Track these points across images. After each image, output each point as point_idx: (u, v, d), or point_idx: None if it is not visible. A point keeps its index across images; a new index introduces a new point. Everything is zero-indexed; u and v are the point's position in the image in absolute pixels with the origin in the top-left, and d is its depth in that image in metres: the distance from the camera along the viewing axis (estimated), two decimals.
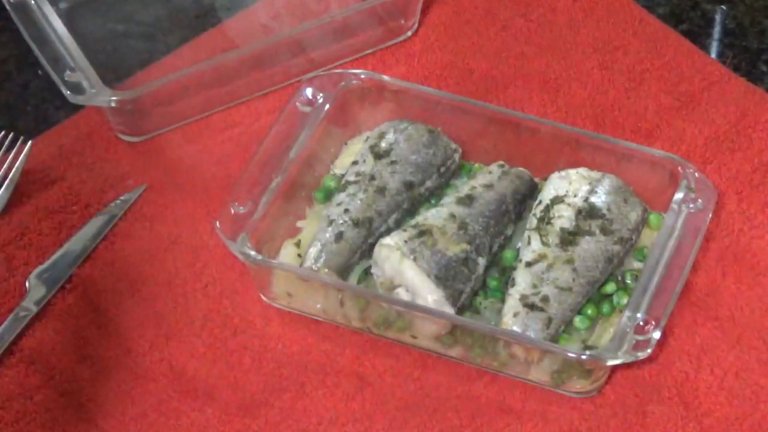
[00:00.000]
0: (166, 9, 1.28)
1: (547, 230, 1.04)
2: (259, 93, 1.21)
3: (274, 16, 1.27)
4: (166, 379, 1.02)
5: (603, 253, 1.03)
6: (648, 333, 0.95)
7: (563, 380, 0.99)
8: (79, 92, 1.12)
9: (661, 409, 0.99)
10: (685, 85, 1.20)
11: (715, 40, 1.26)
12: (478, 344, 1.00)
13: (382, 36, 1.24)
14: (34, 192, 1.14)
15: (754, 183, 1.12)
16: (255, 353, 1.03)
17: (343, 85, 1.13)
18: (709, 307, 1.04)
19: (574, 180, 1.06)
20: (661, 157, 1.07)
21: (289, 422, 0.99)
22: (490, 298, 1.03)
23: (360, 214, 1.05)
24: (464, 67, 1.23)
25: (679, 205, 1.04)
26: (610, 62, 1.22)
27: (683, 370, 1.01)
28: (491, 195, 1.06)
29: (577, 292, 1.01)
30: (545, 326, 0.99)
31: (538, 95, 1.20)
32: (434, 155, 1.10)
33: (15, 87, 1.25)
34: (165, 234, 1.11)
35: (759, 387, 1.00)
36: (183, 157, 1.17)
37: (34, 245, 1.10)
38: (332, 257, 1.03)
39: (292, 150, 1.09)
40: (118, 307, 1.06)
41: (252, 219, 1.04)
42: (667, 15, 1.28)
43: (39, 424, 0.99)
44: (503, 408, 0.99)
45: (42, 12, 1.18)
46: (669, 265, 1.00)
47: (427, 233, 1.02)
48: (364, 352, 1.03)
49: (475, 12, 1.28)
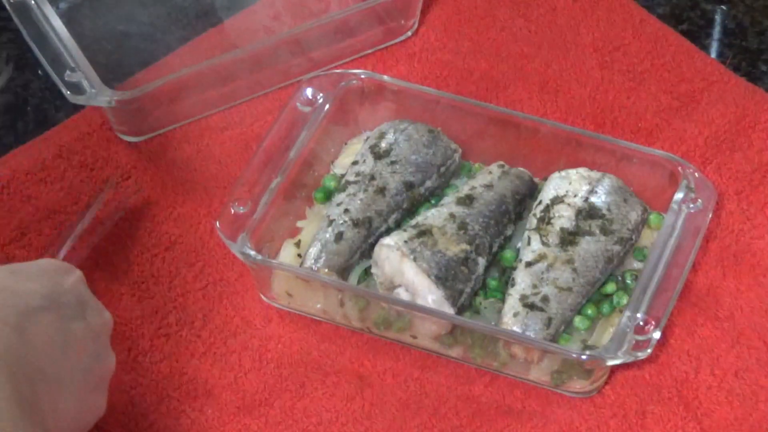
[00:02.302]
0: (166, 9, 1.28)
1: (547, 230, 1.04)
2: (259, 93, 1.21)
3: (274, 16, 1.27)
4: (166, 379, 1.02)
5: (603, 253, 1.03)
6: (648, 333, 0.95)
7: (563, 380, 0.99)
8: (79, 92, 1.12)
9: (661, 409, 0.99)
10: (685, 85, 1.20)
11: (715, 40, 1.26)
12: (478, 344, 1.00)
13: (382, 36, 1.24)
14: (34, 192, 1.14)
15: (754, 183, 1.12)
16: (255, 353, 1.03)
17: (343, 85, 1.13)
18: (709, 307, 1.04)
19: (574, 180, 1.06)
20: (661, 157, 1.07)
21: (289, 422, 0.99)
22: (490, 298, 1.03)
23: (360, 214, 1.05)
24: (464, 67, 1.23)
25: (679, 205, 1.04)
26: (610, 62, 1.22)
27: (683, 370, 1.01)
28: (491, 195, 1.06)
29: (577, 292, 1.01)
30: (545, 326, 0.99)
31: (538, 95, 1.20)
32: (434, 155, 1.10)
33: (15, 87, 1.25)
34: (165, 234, 1.11)
35: (759, 387, 1.00)
36: (183, 157, 1.17)
37: (34, 245, 1.10)
38: (332, 257, 1.03)
39: (292, 150, 1.09)
40: (118, 307, 1.06)
41: (252, 219, 1.04)
42: (667, 15, 1.28)
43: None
44: (503, 408, 0.99)
45: (42, 12, 1.18)
46: (669, 265, 1.00)
47: (427, 233, 1.02)
48: (364, 352, 1.03)
49: (475, 12, 1.28)
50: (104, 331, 0.91)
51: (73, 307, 0.88)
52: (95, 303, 0.92)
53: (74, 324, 0.87)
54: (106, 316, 0.92)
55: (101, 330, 0.90)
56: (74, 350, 0.86)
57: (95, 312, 0.91)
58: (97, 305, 0.92)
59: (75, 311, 0.88)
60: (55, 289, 0.88)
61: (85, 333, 0.88)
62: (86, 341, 0.88)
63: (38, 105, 1.23)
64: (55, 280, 0.89)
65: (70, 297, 0.89)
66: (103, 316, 0.92)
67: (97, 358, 0.89)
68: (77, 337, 0.87)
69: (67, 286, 0.89)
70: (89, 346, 0.88)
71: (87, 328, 0.88)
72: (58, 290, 0.88)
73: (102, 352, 0.90)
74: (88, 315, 0.90)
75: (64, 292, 0.88)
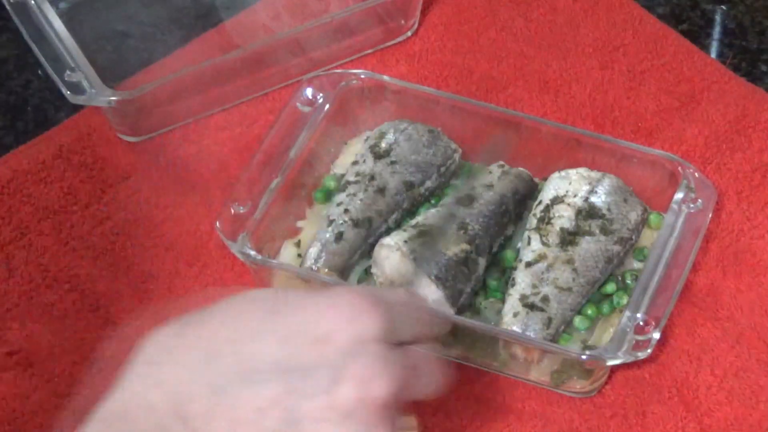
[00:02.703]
0: (166, 9, 1.28)
1: (547, 230, 1.04)
2: (259, 93, 1.21)
3: (274, 16, 1.27)
4: None
5: (603, 253, 1.03)
6: (648, 333, 0.95)
7: (563, 380, 0.99)
8: (79, 92, 1.12)
9: (661, 409, 0.99)
10: (685, 85, 1.20)
11: (715, 40, 1.26)
12: (478, 344, 1.00)
13: (382, 36, 1.24)
14: (34, 192, 1.13)
15: (754, 183, 1.12)
16: None
17: (343, 85, 1.13)
18: (709, 307, 1.04)
19: (574, 180, 1.06)
20: (661, 157, 1.07)
21: None
22: (490, 298, 1.03)
23: (360, 214, 1.05)
24: (464, 67, 1.23)
25: (679, 205, 1.04)
26: (610, 62, 1.22)
27: (683, 370, 1.01)
28: (491, 195, 1.06)
29: (577, 292, 1.01)
30: (545, 326, 0.99)
31: (538, 95, 1.20)
32: (434, 155, 1.10)
33: (15, 87, 1.25)
34: (165, 234, 1.11)
35: (759, 387, 0.99)
36: (183, 157, 1.17)
37: (34, 245, 1.10)
38: (332, 257, 1.03)
39: (292, 150, 1.09)
40: (117, 307, 1.06)
41: (252, 219, 1.04)
42: (667, 15, 1.28)
43: (36, 425, 0.99)
44: (503, 408, 0.99)
45: (42, 12, 1.18)
46: (669, 265, 1.00)
47: (427, 233, 1.02)
48: None
49: (475, 12, 1.28)
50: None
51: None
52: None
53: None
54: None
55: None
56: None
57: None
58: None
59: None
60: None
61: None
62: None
63: (38, 105, 1.23)
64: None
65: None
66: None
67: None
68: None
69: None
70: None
71: None
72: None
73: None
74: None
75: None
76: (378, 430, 0.68)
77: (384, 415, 0.68)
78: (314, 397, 0.66)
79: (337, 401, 0.66)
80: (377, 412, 0.67)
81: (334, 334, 0.68)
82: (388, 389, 0.68)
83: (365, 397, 0.67)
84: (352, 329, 0.67)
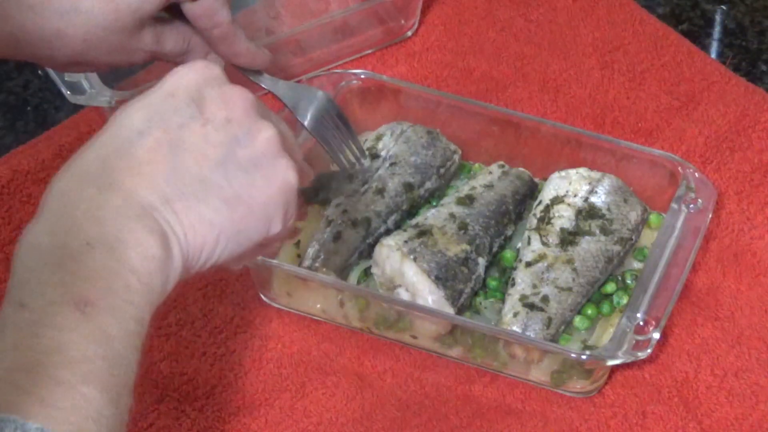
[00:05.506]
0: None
1: (547, 230, 1.04)
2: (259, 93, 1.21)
3: (274, 16, 1.27)
4: (166, 379, 1.02)
5: (603, 253, 1.03)
6: (648, 333, 0.95)
7: (563, 380, 0.99)
8: (79, 92, 1.12)
9: (661, 409, 0.99)
10: (685, 85, 1.20)
11: (715, 40, 1.26)
12: (478, 344, 1.00)
13: (382, 36, 1.24)
14: (34, 192, 1.13)
15: (754, 183, 1.12)
16: (255, 353, 1.03)
17: (343, 85, 1.13)
18: (709, 307, 1.04)
19: (574, 180, 1.06)
20: (661, 157, 1.07)
21: (288, 422, 0.99)
22: (490, 298, 1.03)
23: (358, 215, 1.05)
24: (464, 67, 1.23)
25: (679, 205, 1.04)
26: (610, 62, 1.22)
27: (683, 370, 1.01)
28: (491, 195, 1.06)
29: (577, 292, 1.01)
30: (545, 326, 0.99)
31: (538, 95, 1.20)
32: (433, 156, 1.10)
33: (15, 87, 1.25)
34: None
35: (759, 387, 0.99)
36: None
37: None
38: (331, 257, 1.03)
39: None
40: None
41: None
42: (667, 15, 1.28)
43: None
44: (503, 408, 0.99)
45: None
46: (669, 265, 1.00)
47: (428, 233, 1.02)
48: (364, 352, 1.03)
49: (475, 12, 1.28)
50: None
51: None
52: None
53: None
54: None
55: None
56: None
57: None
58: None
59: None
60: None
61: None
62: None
63: (38, 105, 1.23)
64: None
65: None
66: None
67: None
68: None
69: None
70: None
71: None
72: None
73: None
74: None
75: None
76: (258, 124, 0.79)
77: (258, 112, 0.80)
78: (189, 125, 0.76)
79: (208, 122, 0.76)
80: (249, 115, 0.79)
81: (179, 84, 0.77)
82: (247, 98, 0.79)
83: (229, 114, 0.77)
84: (193, 74, 0.78)
